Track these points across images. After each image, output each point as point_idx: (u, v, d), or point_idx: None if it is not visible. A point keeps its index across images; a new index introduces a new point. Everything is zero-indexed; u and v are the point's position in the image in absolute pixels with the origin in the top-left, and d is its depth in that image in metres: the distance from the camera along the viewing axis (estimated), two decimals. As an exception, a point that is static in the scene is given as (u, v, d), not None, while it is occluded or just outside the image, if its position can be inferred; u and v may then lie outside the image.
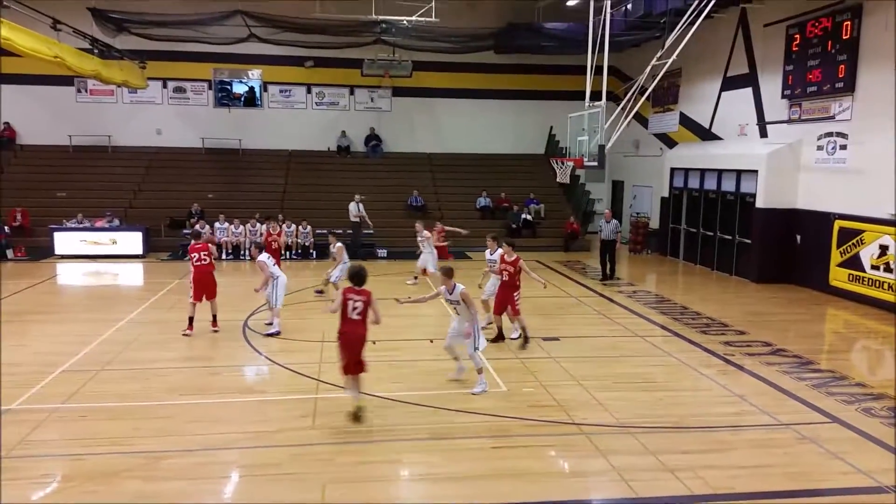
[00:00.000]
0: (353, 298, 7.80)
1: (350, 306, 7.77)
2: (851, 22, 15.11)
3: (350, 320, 7.79)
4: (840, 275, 15.73)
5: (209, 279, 12.05)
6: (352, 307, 7.77)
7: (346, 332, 7.82)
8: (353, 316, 7.77)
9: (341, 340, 7.90)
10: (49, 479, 6.65)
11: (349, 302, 7.78)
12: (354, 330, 7.80)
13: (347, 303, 7.78)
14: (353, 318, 7.78)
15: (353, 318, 7.78)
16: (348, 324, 7.80)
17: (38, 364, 10.02)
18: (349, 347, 7.84)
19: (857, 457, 7.27)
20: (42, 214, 22.06)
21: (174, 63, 25.65)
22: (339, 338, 7.92)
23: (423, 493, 6.63)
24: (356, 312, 7.77)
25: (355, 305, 7.77)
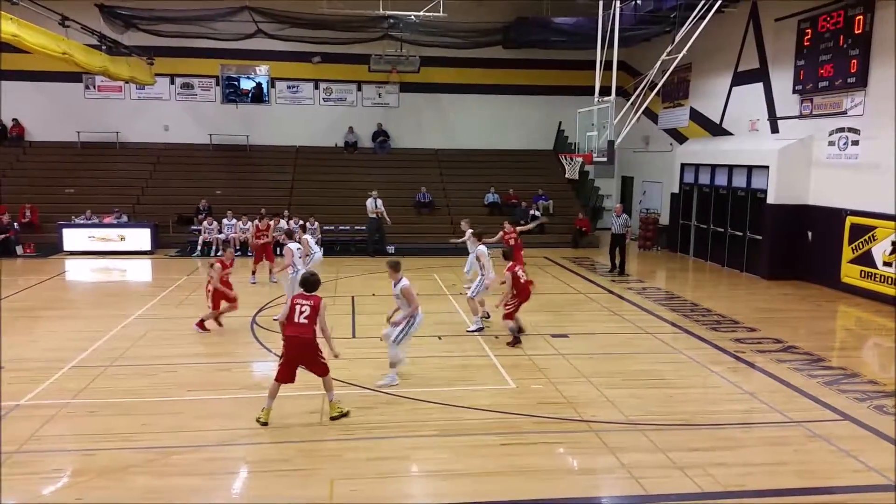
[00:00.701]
0: (301, 303, 7.92)
1: (297, 310, 7.89)
2: (864, 16, 14.96)
3: (297, 324, 7.87)
4: (852, 271, 15.62)
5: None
6: (299, 311, 7.89)
7: (293, 336, 7.87)
8: (301, 320, 7.87)
9: (288, 343, 7.93)
10: (59, 475, 6.66)
11: (296, 306, 7.92)
12: (301, 333, 7.85)
13: (295, 307, 7.92)
14: (301, 322, 7.86)
15: (301, 322, 7.86)
16: (295, 327, 7.87)
17: (47, 360, 10.06)
18: (297, 350, 7.89)
19: (869, 454, 7.21)
20: (51, 211, 22.14)
21: (182, 59, 25.70)
22: (286, 341, 7.97)
23: (431, 489, 6.62)
24: (303, 316, 7.87)
25: (303, 310, 7.89)
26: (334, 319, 12.75)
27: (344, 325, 12.43)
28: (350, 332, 12.09)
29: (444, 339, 11.55)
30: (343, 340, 11.42)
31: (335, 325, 12.32)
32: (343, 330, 12.11)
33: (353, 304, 14.30)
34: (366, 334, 11.85)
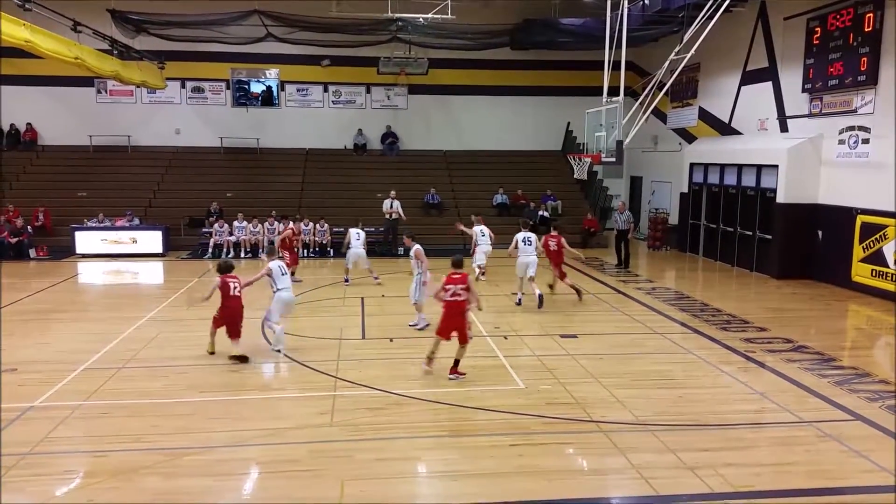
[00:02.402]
0: (231, 281, 10.34)
1: (231, 286, 10.28)
2: (874, 14, 14.87)
3: (233, 297, 10.28)
4: (863, 270, 15.52)
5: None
6: (232, 286, 10.30)
7: (231, 306, 10.28)
8: (235, 293, 10.30)
9: (227, 312, 10.28)
10: (72, 476, 6.73)
11: (230, 283, 10.30)
12: (237, 304, 10.34)
13: (228, 284, 10.28)
14: (235, 295, 10.29)
15: (235, 295, 10.29)
16: (232, 300, 10.28)
17: (60, 362, 10.16)
18: (235, 316, 10.32)
19: (881, 455, 7.17)
20: (63, 214, 22.31)
21: (192, 63, 25.87)
22: (225, 311, 10.29)
23: (441, 490, 6.63)
24: (236, 290, 10.32)
25: (234, 285, 10.32)
26: (344, 320, 12.85)
27: (354, 327, 12.48)
28: (360, 333, 12.12)
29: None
30: (353, 342, 11.49)
31: (344, 326, 12.43)
32: (353, 331, 12.15)
33: (363, 305, 14.34)
34: (376, 336, 11.89)
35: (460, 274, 9.44)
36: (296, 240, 16.52)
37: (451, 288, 9.30)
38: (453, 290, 9.29)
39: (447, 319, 9.35)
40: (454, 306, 9.30)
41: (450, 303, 9.30)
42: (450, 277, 9.39)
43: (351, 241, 16.63)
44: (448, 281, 9.34)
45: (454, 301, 9.29)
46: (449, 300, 9.30)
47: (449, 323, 9.33)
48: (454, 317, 9.31)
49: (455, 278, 9.37)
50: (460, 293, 9.29)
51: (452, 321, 9.31)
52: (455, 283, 9.32)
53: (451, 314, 9.32)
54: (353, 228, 16.96)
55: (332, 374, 9.69)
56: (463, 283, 9.33)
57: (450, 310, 9.32)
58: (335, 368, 9.94)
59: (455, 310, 9.30)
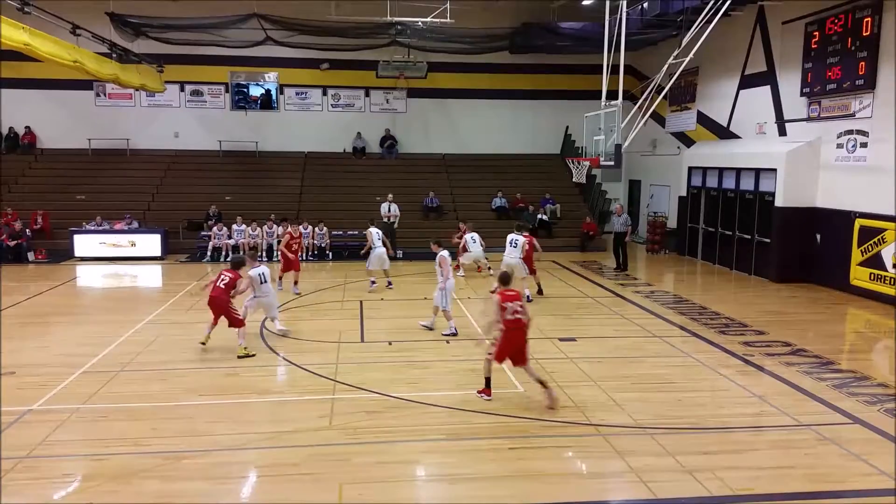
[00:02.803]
0: (224, 274, 10.88)
1: (220, 278, 10.82)
2: (871, 18, 14.92)
3: (218, 288, 10.75)
4: (861, 274, 15.54)
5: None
6: (220, 279, 10.80)
7: (215, 297, 10.75)
8: (221, 285, 10.75)
9: (212, 303, 10.78)
10: (70, 479, 6.72)
11: (221, 275, 10.87)
12: (220, 295, 10.72)
13: (220, 275, 10.89)
14: (220, 287, 10.74)
15: (220, 287, 10.74)
16: (216, 290, 10.76)
17: (59, 365, 10.15)
18: (217, 307, 10.76)
19: (880, 458, 7.18)
20: (62, 217, 22.31)
21: (191, 66, 25.89)
22: (211, 301, 10.78)
23: (440, 493, 6.63)
24: (223, 283, 10.76)
25: (223, 277, 10.82)
26: (342, 324, 12.85)
27: (353, 330, 12.47)
28: (359, 336, 12.12)
29: (451, 343, 11.57)
30: (352, 345, 11.49)
31: (343, 329, 12.42)
32: (352, 335, 12.15)
33: (362, 308, 14.34)
34: (374, 339, 11.89)
35: (514, 291, 8.79)
36: (295, 243, 15.77)
37: (510, 306, 8.49)
38: (512, 308, 8.49)
39: (509, 341, 8.50)
40: (516, 325, 8.49)
41: (511, 322, 8.46)
42: (504, 295, 8.61)
43: (374, 242, 16.08)
44: (504, 299, 8.55)
45: (516, 320, 8.49)
46: (510, 319, 8.46)
47: (510, 345, 8.52)
48: (517, 338, 8.52)
49: (510, 295, 8.61)
50: (519, 310, 8.53)
51: (515, 343, 8.52)
52: (512, 300, 8.55)
53: (513, 336, 8.49)
54: (372, 228, 16.45)
55: (331, 378, 9.68)
56: (520, 300, 8.67)
57: (511, 331, 8.47)
58: (334, 372, 9.94)
59: (518, 330, 8.51)
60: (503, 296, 8.60)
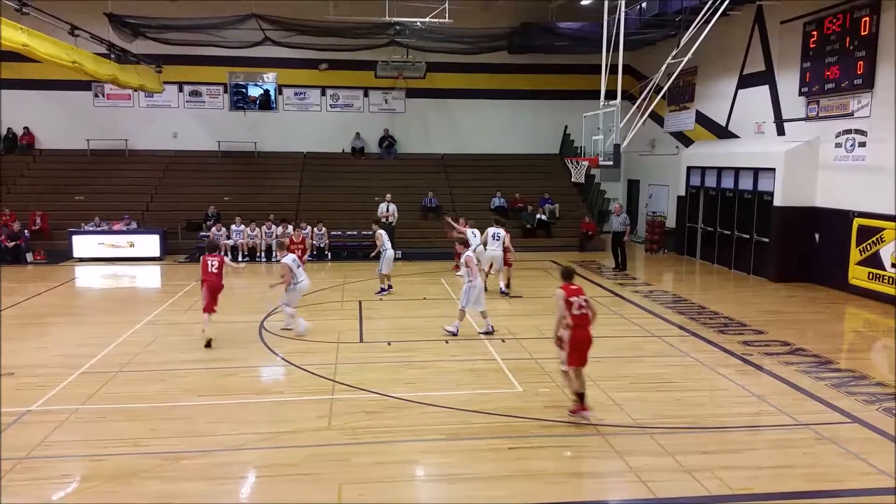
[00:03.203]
0: (210, 260, 11.51)
1: (209, 264, 11.45)
2: (870, 18, 14.94)
3: (210, 273, 11.41)
4: (860, 273, 15.56)
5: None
6: (210, 264, 11.45)
7: (208, 281, 11.38)
8: (213, 270, 11.43)
9: (206, 286, 11.40)
10: (69, 480, 6.72)
11: (208, 261, 11.50)
12: (215, 280, 11.42)
13: (207, 261, 11.50)
14: (213, 272, 11.42)
15: (213, 272, 11.42)
16: (209, 276, 11.41)
17: (57, 366, 10.14)
18: (211, 292, 11.38)
19: (878, 457, 7.19)
20: (61, 218, 22.29)
21: (190, 67, 25.87)
22: (204, 284, 11.45)
23: (439, 493, 6.63)
24: (214, 268, 11.45)
25: (212, 263, 11.48)
26: (341, 324, 12.85)
27: (351, 330, 12.47)
28: (357, 336, 12.12)
29: (450, 343, 11.58)
30: (351, 345, 11.49)
31: (342, 329, 12.42)
32: (351, 335, 12.15)
33: (361, 308, 14.34)
34: (373, 339, 11.89)
35: (577, 285, 8.27)
36: (295, 248, 14.71)
37: (576, 300, 8.02)
38: (578, 303, 8.02)
39: (577, 340, 7.99)
40: (583, 322, 8.02)
41: (578, 318, 7.99)
42: (569, 290, 8.12)
43: (384, 244, 15.56)
44: (570, 293, 8.07)
45: (582, 315, 8.03)
46: (577, 315, 7.99)
47: (578, 343, 7.99)
48: (584, 336, 8.03)
49: (574, 289, 8.13)
50: (584, 305, 8.05)
51: (582, 341, 8.01)
52: (578, 295, 8.08)
53: (580, 334, 7.99)
54: (382, 230, 15.90)
55: (330, 378, 9.68)
56: (584, 294, 8.16)
57: (579, 328, 7.99)
58: (333, 372, 9.94)
59: (584, 327, 8.03)
60: (568, 290, 8.13)
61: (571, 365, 8.07)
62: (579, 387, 8.09)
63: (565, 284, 8.24)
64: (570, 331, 8.01)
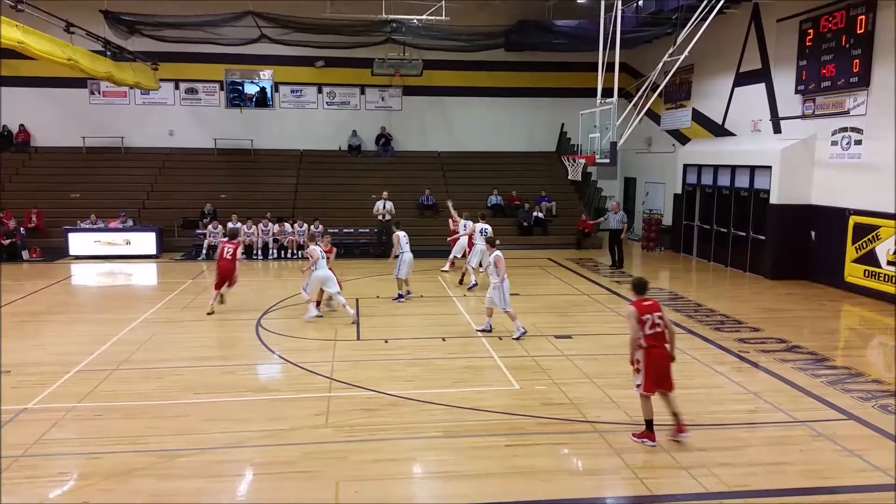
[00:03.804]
0: (227, 247, 13.28)
1: (225, 250, 13.23)
2: (866, 16, 14.96)
3: (224, 259, 13.14)
4: (855, 271, 15.60)
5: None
6: (225, 251, 13.20)
7: (220, 265, 13.18)
8: (227, 256, 13.16)
9: (216, 270, 13.25)
10: (65, 478, 6.70)
11: (225, 247, 13.29)
12: (226, 264, 13.15)
13: (224, 248, 13.29)
14: (226, 258, 13.15)
15: (226, 258, 13.15)
16: (222, 261, 13.17)
17: (54, 364, 10.12)
18: (222, 274, 13.19)
19: (874, 454, 7.22)
20: (56, 215, 22.24)
21: (186, 64, 25.84)
22: (217, 266, 13.24)
23: (436, 491, 6.64)
24: (228, 254, 13.16)
25: (227, 248, 13.22)
26: (338, 322, 12.83)
27: (349, 329, 12.46)
28: (355, 334, 12.11)
29: (447, 341, 11.58)
30: (348, 343, 11.48)
31: (339, 327, 12.41)
32: (348, 332, 12.14)
33: (358, 306, 14.32)
34: (371, 337, 11.89)
35: (651, 300, 7.53)
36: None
37: (649, 318, 7.31)
38: (652, 320, 7.31)
39: (651, 361, 7.28)
40: (657, 341, 7.32)
41: (651, 338, 7.31)
42: (641, 306, 7.40)
43: (402, 246, 14.49)
44: (642, 310, 7.35)
45: (656, 334, 7.32)
46: (650, 334, 7.31)
47: (653, 366, 7.29)
48: (660, 356, 7.32)
49: (648, 305, 7.40)
50: (659, 322, 7.34)
51: (658, 362, 7.30)
52: (651, 311, 7.36)
53: (655, 354, 7.30)
54: (399, 231, 14.80)
55: (327, 376, 9.68)
56: (659, 310, 7.41)
57: (653, 348, 7.30)
58: (330, 370, 9.93)
59: (660, 347, 7.33)
60: (640, 306, 7.38)
61: (648, 391, 7.35)
62: (650, 413, 7.43)
63: (638, 300, 7.51)
64: (643, 352, 7.29)
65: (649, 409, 7.43)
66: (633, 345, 7.38)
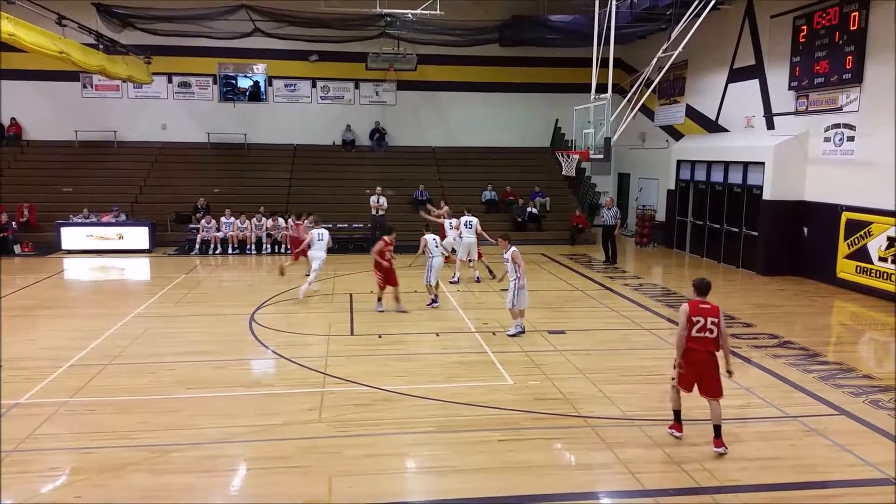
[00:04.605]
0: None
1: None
2: (859, 13, 15.00)
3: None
4: (847, 267, 15.67)
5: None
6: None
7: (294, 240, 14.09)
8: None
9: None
10: (58, 473, 6.68)
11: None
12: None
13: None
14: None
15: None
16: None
17: (46, 358, 10.08)
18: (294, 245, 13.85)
19: (865, 449, 7.26)
20: (49, 210, 22.13)
21: (179, 58, 25.70)
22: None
23: (429, 486, 6.65)
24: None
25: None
26: (332, 317, 12.84)
27: (342, 323, 12.46)
28: (348, 329, 12.11)
29: (441, 336, 11.59)
30: (341, 338, 11.48)
31: (333, 322, 12.40)
32: (341, 328, 12.14)
33: (352, 301, 14.32)
34: (364, 332, 11.88)
35: (710, 304, 7.21)
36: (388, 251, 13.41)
37: (700, 321, 7.06)
38: (702, 324, 7.07)
39: (691, 364, 7.15)
40: (701, 346, 7.10)
41: (695, 342, 7.10)
42: (695, 307, 7.16)
43: (431, 250, 13.99)
44: (695, 312, 7.11)
45: (702, 338, 7.09)
46: (695, 337, 7.10)
47: (693, 368, 7.15)
48: (701, 361, 7.12)
49: (704, 309, 7.13)
50: (711, 328, 7.08)
51: (698, 365, 7.13)
52: (704, 315, 7.09)
53: (696, 358, 7.13)
54: (428, 235, 14.30)
55: (320, 371, 9.68)
56: (715, 317, 7.11)
57: (695, 352, 7.12)
58: (324, 365, 9.93)
59: (703, 352, 7.12)
60: (693, 308, 7.16)
61: (681, 386, 7.30)
62: (677, 404, 7.47)
63: (695, 300, 7.27)
64: (685, 353, 7.17)
65: (677, 400, 7.42)
66: (679, 344, 7.18)
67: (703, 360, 7.12)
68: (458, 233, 16.53)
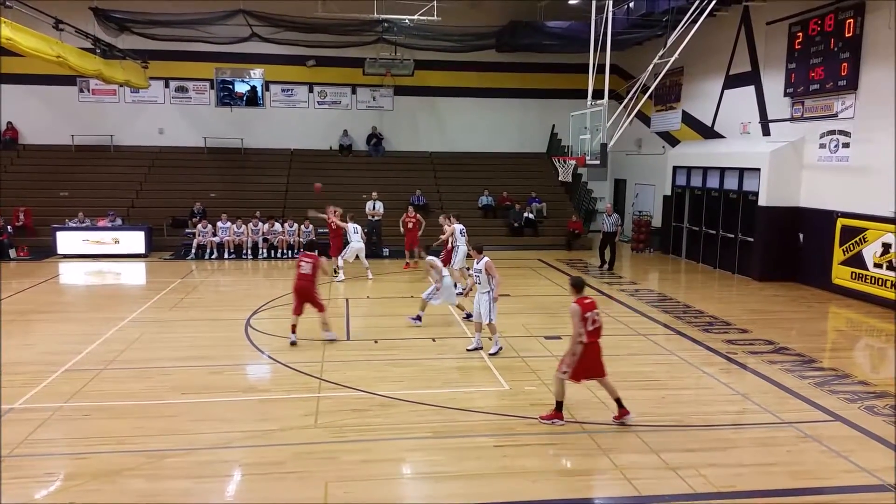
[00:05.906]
0: (304, 260, 11.19)
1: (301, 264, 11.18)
2: (854, 20, 15.08)
3: (299, 274, 11.14)
4: (843, 273, 15.71)
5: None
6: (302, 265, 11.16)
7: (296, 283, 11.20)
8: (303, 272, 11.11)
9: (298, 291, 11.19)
10: (52, 478, 6.66)
11: (301, 262, 11.21)
12: (306, 283, 11.09)
13: (299, 262, 11.23)
14: (302, 273, 11.11)
15: (302, 273, 11.11)
16: (302, 278, 11.10)
17: (41, 363, 10.05)
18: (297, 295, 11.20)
19: (860, 455, 7.27)
20: (45, 214, 22.08)
21: (176, 63, 25.70)
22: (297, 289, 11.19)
23: (425, 491, 6.64)
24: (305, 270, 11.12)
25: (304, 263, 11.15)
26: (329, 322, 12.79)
27: (338, 328, 12.43)
28: (344, 334, 12.10)
29: (437, 342, 11.58)
30: (337, 343, 11.46)
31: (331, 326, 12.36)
32: (337, 332, 12.11)
33: (348, 306, 14.31)
34: (360, 337, 11.88)
35: (590, 298, 7.98)
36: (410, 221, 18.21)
37: (590, 315, 7.76)
38: (592, 317, 7.78)
39: (589, 355, 7.77)
40: (595, 336, 7.84)
41: (591, 334, 7.77)
42: (583, 304, 7.80)
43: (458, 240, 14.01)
44: (585, 308, 7.76)
45: (595, 330, 7.81)
46: (592, 330, 7.77)
47: (589, 358, 7.79)
48: (596, 350, 7.86)
49: (589, 304, 7.83)
50: (598, 319, 7.86)
51: (594, 355, 7.84)
52: (591, 309, 7.81)
53: (594, 349, 7.82)
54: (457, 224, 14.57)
55: (316, 376, 9.67)
56: (596, 308, 7.91)
57: (593, 344, 7.81)
58: (319, 370, 9.92)
59: (596, 341, 7.84)
60: (583, 305, 7.78)
61: (573, 379, 7.82)
62: (562, 395, 7.97)
63: (580, 298, 7.88)
64: (584, 347, 7.71)
65: (562, 392, 7.96)
66: (575, 341, 7.75)
67: (596, 349, 7.87)
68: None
